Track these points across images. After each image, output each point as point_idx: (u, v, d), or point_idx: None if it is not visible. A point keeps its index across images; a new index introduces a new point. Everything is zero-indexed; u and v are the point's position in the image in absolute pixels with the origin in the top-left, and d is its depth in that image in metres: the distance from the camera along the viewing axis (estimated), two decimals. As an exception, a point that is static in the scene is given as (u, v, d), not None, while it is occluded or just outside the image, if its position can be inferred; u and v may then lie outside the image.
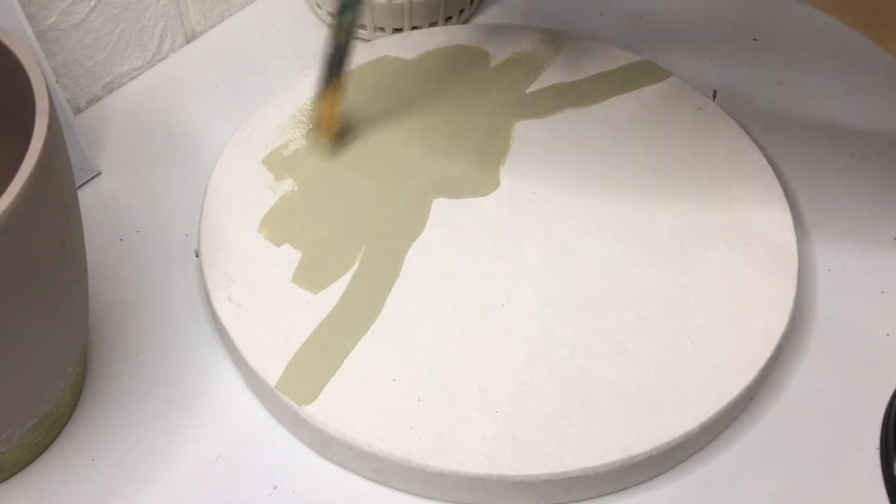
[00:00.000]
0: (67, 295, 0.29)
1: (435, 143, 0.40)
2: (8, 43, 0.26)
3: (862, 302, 0.37)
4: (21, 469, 0.32)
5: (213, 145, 0.42)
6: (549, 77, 0.44)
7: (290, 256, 0.36)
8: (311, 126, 0.40)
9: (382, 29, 0.48)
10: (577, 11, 0.51)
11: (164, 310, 0.36)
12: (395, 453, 0.30)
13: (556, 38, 0.46)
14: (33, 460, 0.32)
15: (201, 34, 0.49)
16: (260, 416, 0.33)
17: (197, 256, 0.38)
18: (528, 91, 0.43)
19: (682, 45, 0.49)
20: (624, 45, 0.46)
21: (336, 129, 0.40)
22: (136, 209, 0.40)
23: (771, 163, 0.40)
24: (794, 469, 0.32)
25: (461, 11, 0.49)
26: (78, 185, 0.40)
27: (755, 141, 0.41)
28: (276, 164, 0.39)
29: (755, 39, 0.50)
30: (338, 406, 0.31)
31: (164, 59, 0.47)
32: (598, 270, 0.35)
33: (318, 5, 0.49)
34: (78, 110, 0.44)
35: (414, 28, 0.48)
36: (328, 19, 0.49)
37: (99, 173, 0.41)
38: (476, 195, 0.38)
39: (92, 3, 0.42)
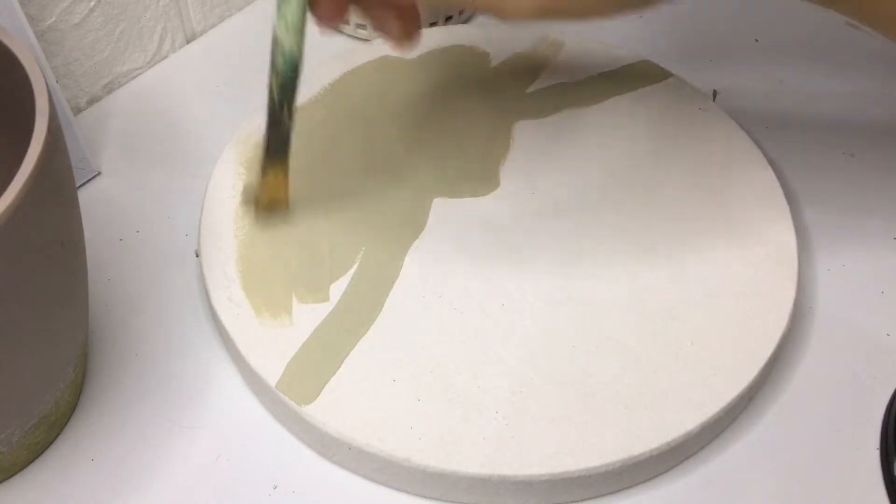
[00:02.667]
0: (67, 295, 0.29)
1: (435, 143, 0.40)
2: (8, 43, 0.26)
3: (862, 302, 0.37)
4: (21, 469, 0.32)
5: (213, 145, 0.42)
6: (549, 77, 0.44)
7: (290, 256, 0.35)
8: (250, 198, 0.37)
9: (382, 29, 0.48)
10: (577, 11, 0.51)
11: (164, 310, 0.36)
12: (396, 453, 0.30)
13: (556, 38, 0.46)
14: (33, 460, 0.32)
15: (201, 34, 0.49)
16: (260, 416, 0.33)
17: (197, 256, 0.38)
18: (528, 91, 0.43)
19: (682, 45, 0.49)
20: (624, 45, 0.46)
21: (284, 207, 0.36)
22: (136, 209, 0.40)
23: (771, 163, 0.40)
24: (794, 469, 0.32)
25: (461, 11, 0.49)
26: (78, 185, 0.40)
27: (755, 141, 0.41)
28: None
29: (756, 40, 0.50)
30: (338, 406, 0.31)
31: (164, 59, 0.47)
32: (598, 270, 0.35)
33: (318, 5, 0.49)
34: (78, 110, 0.44)
35: (414, 28, 0.48)
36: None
37: (99, 173, 0.41)
38: (476, 195, 0.38)
39: (92, 3, 0.42)
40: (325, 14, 0.30)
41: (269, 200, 0.36)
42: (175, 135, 0.43)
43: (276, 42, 0.30)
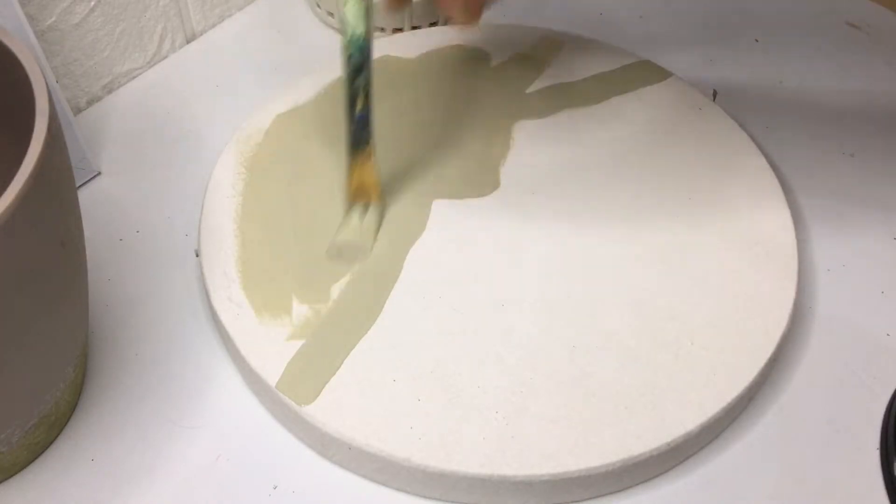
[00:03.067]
0: (67, 295, 0.29)
1: (435, 143, 0.40)
2: (8, 43, 0.26)
3: (862, 302, 0.37)
4: (21, 469, 0.32)
5: (213, 145, 0.42)
6: (549, 77, 0.44)
7: (290, 256, 0.35)
8: (349, 201, 0.36)
9: (382, 29, 0.48)
10: (577, 11, 0.51)
11: (164, 310, 0.36)
12: (396, 453, 0.30)
13: (556, 38, 0.46)
14: (33, 460, 0.32)
15: (201, 34, 0.49)
16: (260, 416, 0.33)
17: (197, 256, 0.38)
18: (528, 91, 0.43)
19: (682, 45, 0.49)
20: (624, 45, 0.46)
21: (377, 196, 0.36)
22: (136, 209, 0.40)
23: (771, 163, 0.40)
24: (794, 469, 0.32)
25: (461, 11, 0.49)
26: (78, 185, 0.40)
27: (755, 141, 0.41)
28: (277, 164, 0.39)
29: (756, 40, 0.50)
30: (338, 406, 0.31)
31: (164, 59, 0.47)
32: (598, 270, 0.35)
33: (318, 5, 0.49)
34: (78, 110, 0.44)
35: (414, 28, 0.48)
36: (328, 19, 0.49)
37: (99, 173, 0.41)
38: (476, 195, 0.38)
39: (92, 3, 0.42)
40: None
41: (356, 189, 0.36)
42: (175, 135, 0.43)
43: (342, 24, 0.32)
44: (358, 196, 0.36)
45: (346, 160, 0.36)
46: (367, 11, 0.32)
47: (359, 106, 0.34)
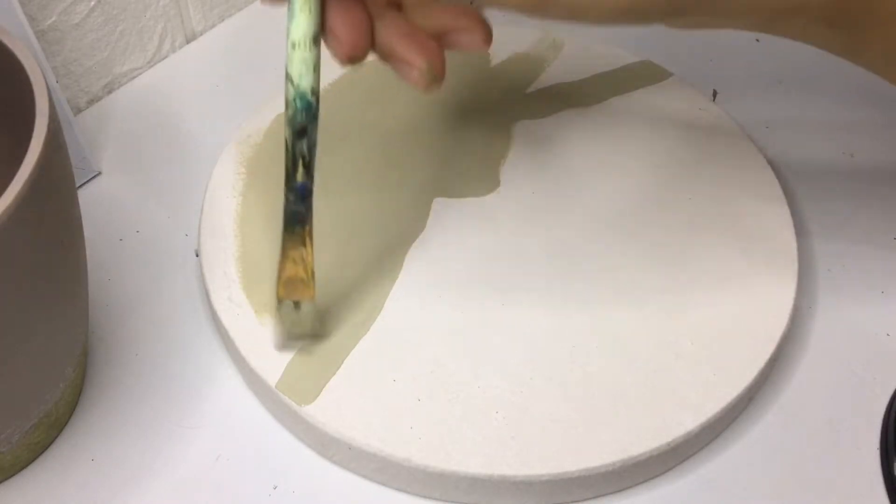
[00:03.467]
0: (67, 295, 0.29)
1: (435, 143, 0.40)
2: (8, 43, 0.26)
3: (862, 302, 0.37)
4: (21, 469, 0.32)
5: (213, 145, 0.42)
6: (549, 77, 0.44)
7: (290, 256, 0.36)
8: (278, 296, 0.30)
9: (382, 29, 0.48)
10: (577, 11, 0.51)
11: (164, 310, 0.36)
12: (396, 453, 0.30)
13: (556, 38, 0.46)
14: (33, 460, 0.32)
15: (201, 34, 0.49)
16: (260, 416, 0.33)
17: (197, 256, 0.38)
18: (528, 91, 0.43)
19: (682, 45, 0.49)
20: (624, 45, 0.46)
21: (311, 295, 0.30)
22: (136, 209, 0.40)
23: (771, 163, 0.40)
24: (794, 469, 0.32)
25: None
26: (78, 185, 0.40)
27: (755, 141, 0.41)
28: (277, 164, 0.39)
29: (757, 40, 0.50)
30: (338, 406, 0.31)
31: (164, 59, 0.47)
32: (598, 270, 0.35)
33: (318, 5, 0.49)
34: (78, 110, 0.44)
35: (414, 28, 0.48)
36: None
37: (99, 173, 0.41)
38: (476, 195, 0.38)
39: (92, 3, 0.42)
40: (341, 49, 0.26)
41: (287, 281, 0.30)
42: (175, 135, 0.43)
43: (286, 77, 0.26)
44: (288, 290, 0.30)
45: (281, 243, 0.29)
46: (315, 64, 0.26)
47: (298, 175, 0.28)
